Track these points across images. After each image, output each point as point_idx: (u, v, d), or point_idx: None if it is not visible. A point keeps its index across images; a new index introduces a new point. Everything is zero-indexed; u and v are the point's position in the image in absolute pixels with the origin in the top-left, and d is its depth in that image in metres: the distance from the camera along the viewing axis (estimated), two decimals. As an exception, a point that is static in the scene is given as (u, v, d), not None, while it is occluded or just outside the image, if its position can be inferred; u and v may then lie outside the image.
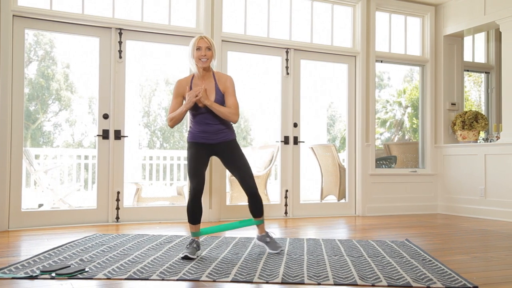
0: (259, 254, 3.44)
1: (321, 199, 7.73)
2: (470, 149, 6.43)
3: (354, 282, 2.63)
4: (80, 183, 8.13)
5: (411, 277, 2.71)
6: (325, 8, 6.38)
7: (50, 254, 3.36)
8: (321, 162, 7.83)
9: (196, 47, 3.41)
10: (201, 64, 3.42)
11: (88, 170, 8.87)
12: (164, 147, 15.70)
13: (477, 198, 6.28)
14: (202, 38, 3.44)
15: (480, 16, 6.33)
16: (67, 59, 14.09)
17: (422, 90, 7.00)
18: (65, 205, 6.90)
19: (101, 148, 5.20)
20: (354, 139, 6.47)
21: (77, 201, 7.54)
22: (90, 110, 14.03)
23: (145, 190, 7.53)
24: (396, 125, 22.17)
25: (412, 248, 3.73)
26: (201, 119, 3.48)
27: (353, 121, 6.47)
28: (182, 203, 7.14)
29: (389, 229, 5.12)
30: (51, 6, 5.00)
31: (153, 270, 2.88)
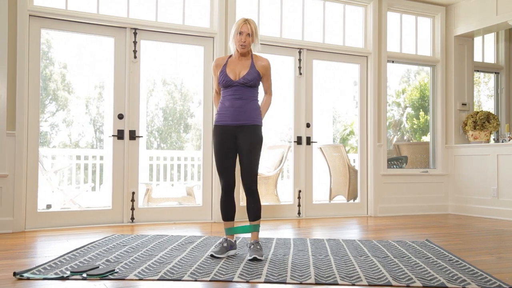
0: (284, 255, 3.43)
1: (330, 200, 7.72)
2: (482, 149, 6.43)
3: (388, 283, 2.63)
4: (90, 183, 8.09)
5: (444, 278, 2.71)
6: (337, 8, 6.37)
7: (75, 255, 3.35)
8: (330, 162, 7.82)
9: (238, 31, 3.39)
10: (240, 49, 3.42)
11: (95, 171, 8.84)
12: (161, 147, 15.68)
13: (489, 198, 6.28)
14: (245, 23, 3.38)
15: (492, 16, 6.33)
16: (64, 59, 14.05)
17: (432, 90, 7.00)
18: (75, 206, 6.88)
19: (116, 149, 5.18)
20: (366, 140, 6.46)
21: (86, 202, 7.51)
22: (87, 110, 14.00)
23: (155, 190, 7.51)
24: (394, 125, 22.22)
25: (434, 248, 3.73)
26: (230, 92, 3.42)
27: (365, 121, 6.47)
28: (193, 203, 7.14)
29: (405, 229, 5.11)
30: (67, 6, 4.98)
31: (183, 271, 2.86)
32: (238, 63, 3.49)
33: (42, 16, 4.86)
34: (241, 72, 3.45)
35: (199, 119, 15.60)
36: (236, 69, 3.47)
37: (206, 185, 5.58)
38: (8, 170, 4.62)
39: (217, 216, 5.50)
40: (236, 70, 3.46)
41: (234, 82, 3.42)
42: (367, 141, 6.45)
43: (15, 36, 4.67)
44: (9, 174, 4.62)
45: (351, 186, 7.38)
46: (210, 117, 5.59)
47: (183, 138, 15.40)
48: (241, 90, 3.43)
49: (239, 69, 3.46)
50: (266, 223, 5.46)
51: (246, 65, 3.49)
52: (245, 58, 3.51)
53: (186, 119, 15.39)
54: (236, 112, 3.41)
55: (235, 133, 3.44)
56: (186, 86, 15.02)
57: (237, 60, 3.50)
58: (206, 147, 5.59)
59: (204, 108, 5.61)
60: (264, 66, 3.51)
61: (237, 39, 3.42)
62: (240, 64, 3.49)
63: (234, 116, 3.41)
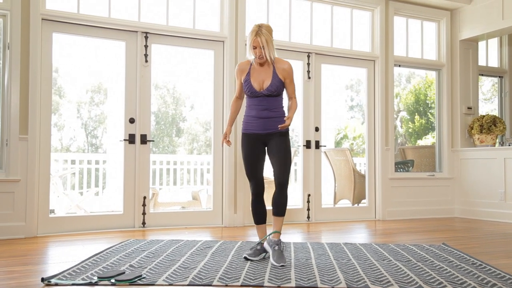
0: (306, 259, 3.42)
1: (334, 204, 7.73)
2: (489, 152, 6.47)
3: (419, 287, 2.62)
4: (94, 188, 8.04)
5: (474, 282, 2.71)
6: (345, 12, 6.40)
7: (96, 260, 3.32)
8: (334, 166, 7.84)
9: (252, 45, 3.38)
10: (258, 61, 3.44)
11: (98, 175, 8.78)
12: (153, 151, 15.58)
13: (497, 201, 6.31)
14: (256, 37, 3.34)
15: (498, 21, 6.38)
16: (56, 62, 13.95)
17: (438, 94, 7.04)
18: (81, 211, 6.84)
19: (127, 153, 5.15)
20: (373, 143, 6.48)
21: (89, 207, 7.46)
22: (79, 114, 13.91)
23: (161, 195, 7.48)
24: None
25: (453, 252, 3.74)
26: (255, 102, 3.45)
27: (373, 125, 6.48)
28: (199, 207, 7.12)
29: (417, 233, 5.12)
30: (79, 9, 4.96)
31: (211, 276, 2.84)
32: (261, 71, 3.48)
33: (55, 20, 4.83)
34: (264, 81, 3.45)
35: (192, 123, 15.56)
36: (260, 77, 3.46)
37: (217, 190, 5.56)
38: (21, 175, 4.58)
39: (227, 220, 5.49)
40: (259, 79, 3.46)
41: (259, 93, 3.43)
42: (375, 145, 6.47)
43: (28, 40, 4.64)
44: (22, 179, 4.58)
45: (356, 190, 7.39)
46: (220, 121, 5.58)
47: (175, 142, 15.35)
48: (266, 100, 3.45)
49: (262, 78, 3.46)
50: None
51: (268, 73, 3.47)
52: (266, 64, 3.50)
53: (178, 123, 15.35)
54: (263, 122, 3.45)
55: (265, 140, 3.49)
56: (178, 91, 14.98)
57: (260, 66, 3.50)
58: (217, 152, 5.57)
59: (214, 113, 5.59)
60: (285, 70, 3.48)
61: (253, 52, 3.42)
62: (263, 72, 3.47)
63: (261, 126, 3.45)
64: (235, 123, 5.48)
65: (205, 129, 18.66)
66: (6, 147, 4.57)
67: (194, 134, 16.10)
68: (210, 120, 5.66)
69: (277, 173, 3.46)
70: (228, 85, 5.53)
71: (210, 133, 5.25)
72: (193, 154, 14.31)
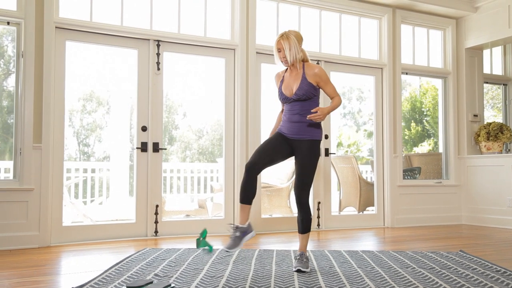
0: (330, 267, 3.41)
1: (340, 211, 7.73)
2: (496, 160, 6.50)
3: (452, 294, 2.63)
4: (99, 197, 7.99)
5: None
6: (353, 20, 6.43)
7: (119, 269, 3.29)
8: (339, 174, 7.84)
9: (276, 48, 3.46)
10: (284, 65, 3.48)
11: (102, 183, 8.73)
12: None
13: (505, 208, 6.34)
14: (278, 41, 3.42)
15: (504, 29, 6.44)
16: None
17: (444, 102, 7.08)
18: (87, 220, 6.78)
19: (139, 161, 5.12)
20: (382, 151, 6.50)
21: (97, 215, 7.40)
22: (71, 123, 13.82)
23: (168, 203, 7.44)
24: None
25: (474, 259, 3.74)
26: (288, 108, 3.46)
27: (381, 133, 6.51)
28: (206, 216, 7.09)
29: (429, 240, 5.13)
30: (91, 18, 4.95)
31: (240, 285, 2.83)
32: (291, 77, 3.49)
33: (68, 28, 4.82)
34: (293, 87, 3.45)
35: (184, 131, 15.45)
36: (290, 84, 3.47)
37: (228, 197, 5.54)
38: (34, 184, 4.54)
39: (239, 228, 5.46)
40: (290, 85, 3.47)
41: (290, 99, 3.43)
42: (383, 152, 6.49)
43: (42, 48, 4.62)
44: (35, 188, 4.54)
45: (362, 197, 7.40)
46: (231, 129, 5.57)
47: (168, 150, 15.36)
48: (298, 105, 3.41)
49: (292, 84, 3.46)
50: (283, 235, 5.44)
51: (297, 78, 3.46)
52: (296, 69, 3.49)
53: (171, 131, 15.32)
54: (294, 126, 3.40)
55: (292, 144, 3.42)
56: (171, 99, 14.97)
57: (290, 72, 3.51)
58: (228, 160, 5.56)
59: (226, 121, 5.58)
60: (315, 74, 3.42)
61: (277, 56, 3.48)
62: (293, 78, 3.47)
63: (292, 130, 3.41)
64: (238, 134, 5.50)
65: (198, 137, 18.62)
66: (20, 156, 4.53)
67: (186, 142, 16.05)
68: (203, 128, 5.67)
69: (295, 191, 3.39)
70: (239, 92, 5.53)
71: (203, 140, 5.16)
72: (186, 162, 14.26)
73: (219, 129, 19.31)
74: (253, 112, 5.59)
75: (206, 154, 18.91)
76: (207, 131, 18.73)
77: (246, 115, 5.55)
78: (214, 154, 18.57)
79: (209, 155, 18.47)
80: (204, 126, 18.97)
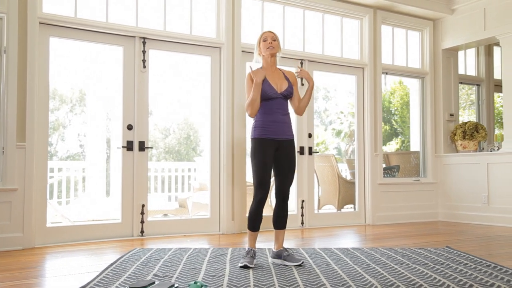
0: (326, 265, 3.44)
1: (318, 209, 7.80)
2: (472, 158, 6.69)
3: (454, 289, 2.69)
4: (78, 197, 7.82)
5: (506, 285, 2.80)
6: (335, 20, 6.50)
7: (115, 271, 3.23)
8: (318, 172, 7.91)
9: (262, 39, 3.53)
10: (269, 52, 3.50)
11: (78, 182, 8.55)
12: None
13: (480, 205, 6.54)
14: (267, 31, 3.58)
15: (480, 31, 6.63)
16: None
17: (422, 101, 7.24)
18: (65, 220, 6.63)
19: (125, 160, 5.05)
20: (363, 150, 6.59)
21: (74, 216, 7.24)
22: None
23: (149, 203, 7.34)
24: (350, 135, 22.74)
25: (462, 255, 3.84)
26: (273, 106, 3.46)
27: (362, 132, 6.60)
28: (187, 215, 7.04)
29: (413, 237, 5.23)
30: (76, 14, 4.84)
31: (244, 284, 2.82)
32: (274, 75, 3.56)
33: (52, 24, 4.70)
34: (282, 84, 3.52)
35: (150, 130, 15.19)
36: (274, 80, 3.53)
37: (214, 197, 5.52)
38: (18, 184, 4.41)
39: (225, 228, 5.45)
40: (276, 82, 3.52)
41: (278, 95, 3.47)
42: (364, 151, 6.59)
43: (25, 44, 4.49)
44: (19, 188, 4.41)
45: (341, 195, 7.49)
46: (217, 127, 5.55)
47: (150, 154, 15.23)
48: (282, 103, 3.52)
49: (277, 81, 3.53)
50: (269, 233, 5.45)
51: (281, 76, 3.59)
52: (275, 69, 3.60)
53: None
54: (280, 126, 3.48)
55: (276, 146, 3.50)
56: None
57: (271, 71, 3.56)
58: (214, 159, 5.53)
59: (211, 120, 5.55)
60: (293, 76, 3.66)
61: (263, 45, 3.53)
62: (276, 76, 3.57)
63: (278, 131, 3.48)
64: (224, 132, 5.49)
65: (165, 136, 18.42)
66: (3, 155, 4.39)
67: (153, 141, 15.88)
68: (170, 127, 5.65)
69: (282, 185, 3.53)
70: (225, 91, 5.51)
71: (169, 139, 5.09)
72: (152, 161, 14.07)
73: (186, 128, 19.17)
74: (238, 110, 5.58)
75: (173, 153, 18.75)
76: (174, 130, 18.57)
77: (232, 114, 5.53)
78: (181, 153, 18.43)
79: (176, 154, 18.32)
80: (171, 125, 18.79)
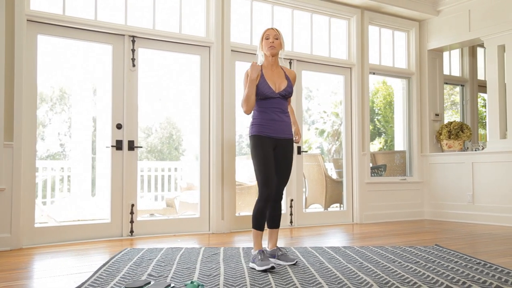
0: (320, 263, 3.46)
1: (305, 208, 7.83)
2: (457, 157, 6.79)
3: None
4: (64, 197, 7.72)
5: (495, 281, 2.85)
6: (323, 20, 6.54)
7: (108, 271, 3.20)
8: (305, 171, 7.94)
9: (264, 36, 3.50)
10: (270, 51, 3.47)
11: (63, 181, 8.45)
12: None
13: (465, 204, 6.64)
14: (271, 28, 3.53)
15: (465, 32, 6.73)
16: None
17: (408, 101, 7.31)
18: (51, 220, 6.55)
19: (114, 159, 5.00)
20: (351, 149, 6.64)
21: (59, 216, 7.15)
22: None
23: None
24: (333, 135, 22.88)
25: (452, 253, 3.90)
26: (270, 104, 3.44)
27: (350, 131, 6.65)
28: (175, 215, 7.01)
29: (402, 235, 5.29)
30: (64, 11, 4.78)
31: (241, 283, 2.82)
32: (273, 73, 3.53)
33: (39, 21, 4.64)
34: (281, 83, 3.50)
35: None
36: (273, 79, 3.50)
37: (204, 196, 5.50)
38: (5, 184, 4.34)
39: (215, 227, 5.44)
40: (274, 81, 3.49)
41: (276, 94, 3.45)
42: (352, 150, 6.63)
43: (13, 42, 4.42)
44: (6, 188, 4.34)
45: (328, 194, 7.54)
46: (206, 127, 5.53)
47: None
48: (281, 102, 3.49)
49: (276, 80, 3.50)
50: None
51: (281, 75, 3.56)
52: (276, 68, 3.57)
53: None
54: (278, 125, 3.46)
55: (274, 145, 3.48)
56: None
57: (271, 70, 3.53)
58: (204, 158, 5.52)
59: (201, 119, 5.53)
60: (294, 78, 3.67)
61: (264, 43, 3.50)
62: (276, 75, 3.53)
63: (276, 129, 3.46)
64: (214, 131, 5.48)
65: (147, 135, 18.28)
66: (-10, 154, 4.32)
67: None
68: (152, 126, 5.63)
69: (280, 186, 3.52)
70: (214, 90, 5.50)
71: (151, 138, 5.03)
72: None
73: (168, 127, 19.03)
74: (228, 109, 5.57)
75: (155, 152, 18.62)
76: (156, 129, 18.44)
77: (221, 113, 5.52)
78: (163, 152, 18.31)
79: (158, 153, 18.19)
80: (153, 124, 18.64)
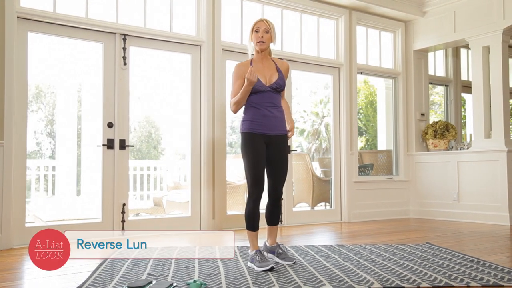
0: (317, 262, 3.49)
1: (292, 207, 7.87)
2: (443, 156, 6.91)
3: (447, 284, 2.79)
4: (49, 195, 7.62)
5: (490, 277, 2.92)
6: (312, 20, 6.58)
7: (106, 271, 3.19)
8: (292, 170, 7.98)
9: (254, 29, 3.41)
10: (259, 46, 3.39)
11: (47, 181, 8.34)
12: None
13: (451, 202, 6.75)
14: (261, 20, 3.43)
15: (450, 33, 6.84)
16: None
17: (394, 101, 7.41)
18: (37, 220, 6.47)
19: (105, 158, 4.96)
20: (339, 148, 6.70)
21: (45, 216, 7.06)
22: None
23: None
24: (313, 134, 23.03)
25: (444, 250, 3.97)
26: (262, 99, 3.35)
27: (338, 130, 6.71)
28: (163, 214, 6.98)
29: (391, 233, 5.36)
30: (55, 8, 4.72)
31: (243, 282, 2.84)
32: (263, 67, 3.44)
33: (30, 19, 4.57)
34: (271, 76, 3.42)
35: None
36: (264, 72, 3.42)
37: (195, 196, 5.49)
38: (-4, 183, 4.27)
39: (205, 226, 5.44)
40: (264, 74, 3.41)
41: (267, 88, 3.38)
42: (340, 149, 6.69)
43: (3, 39, 4.35)
44: (-3, 187, 4.28)
45: (315, 193, 7.59)
46: (197, 127, 5.53)
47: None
48: (272, 96, 3.40)
49: (267, 73, 3.43)
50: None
51: (272, 68, 3.47)
52: (267, 60, 3.49)
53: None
54: (270, 121, 3.37)
55: (268, 142, 3.41)
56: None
57: (261, 63, 3.46)
58: (194, 158, 5.51)
59: (192, 119, 5.52)
60: (287, 70, 3.55)
61: (254, 36, 3.42)
62: (267, 68, 3.45)
63: (269, 125, 3.38)
64: (204, 130, 5.47)
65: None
66: (-20, 153, 4.25)
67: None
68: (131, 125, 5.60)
69: (275, 185, 3.47)
70: (205, 89, 5.49)
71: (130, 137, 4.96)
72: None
73: (147, 126, 18.91)
74: (219, 108, 5.57)
75: (134, 151, 18.51)
76: (135, 128, 18.31)
77: (212, 112, 5.52)
78: (142, 151, 18.18)
79: (137, 152, 18.08)
80: (132, 123, 18.53)
